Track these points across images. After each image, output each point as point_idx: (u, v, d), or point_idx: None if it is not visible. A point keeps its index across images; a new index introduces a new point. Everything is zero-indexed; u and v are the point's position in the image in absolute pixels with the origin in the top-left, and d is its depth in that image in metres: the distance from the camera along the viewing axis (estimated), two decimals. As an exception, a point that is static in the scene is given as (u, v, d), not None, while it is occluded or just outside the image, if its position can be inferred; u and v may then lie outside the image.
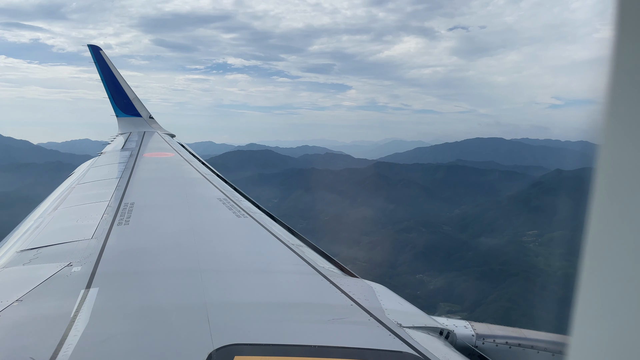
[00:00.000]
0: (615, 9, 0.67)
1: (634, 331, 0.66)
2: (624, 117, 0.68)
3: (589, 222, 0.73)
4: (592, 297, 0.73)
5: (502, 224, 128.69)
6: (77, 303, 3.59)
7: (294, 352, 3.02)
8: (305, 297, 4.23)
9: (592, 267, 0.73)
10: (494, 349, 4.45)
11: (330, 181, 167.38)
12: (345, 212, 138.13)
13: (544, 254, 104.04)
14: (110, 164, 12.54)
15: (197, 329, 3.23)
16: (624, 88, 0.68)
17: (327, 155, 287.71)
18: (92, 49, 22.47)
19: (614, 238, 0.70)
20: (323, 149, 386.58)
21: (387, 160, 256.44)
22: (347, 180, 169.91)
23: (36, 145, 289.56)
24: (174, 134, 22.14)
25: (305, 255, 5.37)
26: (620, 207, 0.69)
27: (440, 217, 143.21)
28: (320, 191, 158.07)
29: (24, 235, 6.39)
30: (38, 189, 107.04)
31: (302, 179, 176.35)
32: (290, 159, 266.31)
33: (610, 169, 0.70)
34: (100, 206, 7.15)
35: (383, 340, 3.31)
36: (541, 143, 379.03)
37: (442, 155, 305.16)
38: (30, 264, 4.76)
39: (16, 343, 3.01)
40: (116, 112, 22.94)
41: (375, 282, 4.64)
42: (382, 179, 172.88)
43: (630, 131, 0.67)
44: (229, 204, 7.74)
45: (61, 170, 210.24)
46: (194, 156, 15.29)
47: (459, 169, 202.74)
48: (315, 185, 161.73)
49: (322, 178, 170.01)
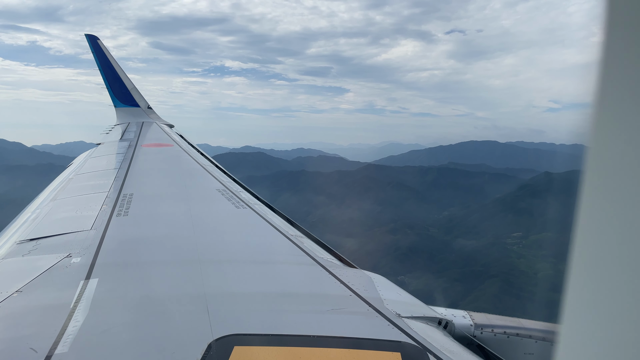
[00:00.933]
0: (604, 12, 0.69)
1: (623, 328, 0.68)
2: (612, 120, 0.69)
3: (577, 221, 0.74)
4: (580, 295, 0.74)
5: (487, 226, 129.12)
6: (76, 294, 3.57)
7: (293, 342, 3.02)
8: (304, 287, 4.21)
9: (580, 266, 0.74)
10: (492, 338, 4.44)
11: (319, 183, 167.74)
12: (331, 213, 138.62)
13: (526, 255, 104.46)
14: (108, 154, 12.42)
15: (196, 320, 3.22)
16: (611, 90, 0.69)
17: (320, 158, 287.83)
18: (89, 38, 22.09)
19: (601, 238, 0.71)
20: (318, 152, 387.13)
21: (381, 163, 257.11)
22: (337, 183, 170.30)
23: (29, 147, 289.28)
24: (173, 124, 21.84)
25: (305, 245, 5.37)
26: (608, 207, 0.70)
27: (428, 219, 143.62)
28: (308, 193, 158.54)
29: (22, 226, 6.38)
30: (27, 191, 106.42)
31: (292, 181, 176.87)
32: (283, 162, 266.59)
33: (599, 171, 0.71)
34: (99, 197, 7.10)
35: (382, 330, 3.31)
36: (536, 146, 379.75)
37: (436, 158, 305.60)
38: (29, 255, 4.74)
39: (16, 334, 3.00)
40: (114, 102, 22.51)
41: (374, 273, 4.63)
42: (371, 182, 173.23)
43: (618, 133, 0.69)
44: (228, 194, 7.72)
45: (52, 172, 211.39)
46: (193, 147, 15.10)
47: (450, 172, 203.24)
48: (304, 187, 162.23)
49: (311, 180, 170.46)
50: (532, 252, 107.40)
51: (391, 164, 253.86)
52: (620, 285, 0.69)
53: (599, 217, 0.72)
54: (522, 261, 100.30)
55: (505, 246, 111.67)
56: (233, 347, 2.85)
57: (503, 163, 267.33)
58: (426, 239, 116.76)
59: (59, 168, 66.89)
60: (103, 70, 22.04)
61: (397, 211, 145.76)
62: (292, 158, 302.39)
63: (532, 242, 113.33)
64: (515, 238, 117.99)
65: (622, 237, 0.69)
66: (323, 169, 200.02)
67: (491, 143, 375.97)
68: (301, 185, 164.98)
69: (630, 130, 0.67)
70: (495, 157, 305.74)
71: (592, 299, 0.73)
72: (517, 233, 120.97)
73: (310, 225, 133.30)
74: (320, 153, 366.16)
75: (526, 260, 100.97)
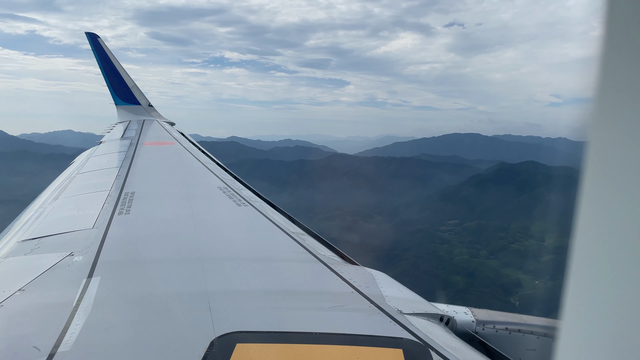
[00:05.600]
0: (604, 6, 0.69)
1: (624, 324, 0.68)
2: (612, 114, 0.69)
3: (577, 217, 0.74)
4: (581, 291, 0.75)
5: (428, 214, 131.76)
6: (79, 292, 3.59)
7: (295, 339, 3.04)
8: (306, 284, 4.23)
9: (581, 262, 0.74)
10: (494, 334, 4.46)
11: (277, 172, 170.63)
12: (278, 200, 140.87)
13: (451, 241, 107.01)
14: (110, 153, 12.51)
15: (199, 317, 3.24)
16: (611, 85, 0.69)
17: (296, 148, 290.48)
18: (89, 37, 22.04)
19: (602, 233, 0.71)
20: (307, 143, 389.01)
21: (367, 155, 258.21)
22: (295, 172, 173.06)
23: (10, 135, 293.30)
24: (174, 122, 22.08)
25: (306, 243, 5.38)
26: (608, 202, 0.70)
27: (376, 208, 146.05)
28: (261, 181, 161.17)
29: (25, 225, 6.43)
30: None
31: (252, 168, 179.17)
32: (256, 151, 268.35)
33: (599, 166, 0.71)
34: (100, 196, 7.16)
35: (383, 326, 3.33)
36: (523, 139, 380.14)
37: (418, 149, 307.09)
38: (31, 253, 4.76)
39: (19, 332, 3.01)
40: (115, 100, 22.58)
41: (375, 270, 4.67)
42: (330, 171, 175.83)
43: (618, 128, 0.68)
44: (230, 192, 7.76)
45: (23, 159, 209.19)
46: (194, 145, 15.31)
47: (414, 163, 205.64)
48: (259, 174, 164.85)
49: (271, 168, 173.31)
50: (459, 239, 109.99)
51: (375, 154, 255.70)
52: (621, 281, 0.69)
53: (599, 213, 0.72)
54: (445, 247, 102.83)
55: (437, 233, 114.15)
56: (235, 345, 2.89)
57: (475, 155, 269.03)
58: (362, 225, 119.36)
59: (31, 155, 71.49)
60: (104, 68, 22.10)
61: (346, 199, 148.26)
62: (270, 148, 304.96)
63: (464, 229, 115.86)
64: (450, 225, 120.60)
65: (623, 233, 0.69)
66: (287, 159, 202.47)
67: (474, 136, 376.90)
68: (256, 174, 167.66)
69: (630, 125, 0.67)
70: (472, 150, 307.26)
71: (593, 294, 0.73)
72: (454, 220, 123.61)
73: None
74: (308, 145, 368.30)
75: (449, 245, 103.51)
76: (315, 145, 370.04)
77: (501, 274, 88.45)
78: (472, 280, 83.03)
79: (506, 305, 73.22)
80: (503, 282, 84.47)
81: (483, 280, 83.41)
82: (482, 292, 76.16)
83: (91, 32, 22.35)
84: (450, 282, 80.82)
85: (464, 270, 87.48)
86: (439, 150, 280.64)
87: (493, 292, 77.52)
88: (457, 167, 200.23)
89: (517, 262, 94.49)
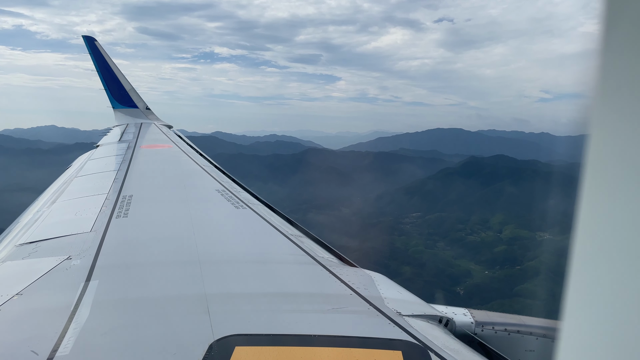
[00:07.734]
0: (602, 3, 0.68)
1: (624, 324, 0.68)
2: (610, 110, 0.69)
3: (578, 215, 0.74)
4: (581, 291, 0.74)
5: (393, 207, 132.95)
6: (77, 296, 3.60)
7: (294, 341, 3.05)
8: (304, 287, 4.24)
9: (581, 262, 0.74)
10: (493, 336, 4.47)
11: (248, 166, 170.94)
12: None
13: (410, 233, 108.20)
14: (107, 156, 12.56)
15: (197, 321, 3.25)
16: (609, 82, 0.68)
17: (276, 143, 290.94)
18: (86, 40, 21.93)
19: (602, 232, 0.71)
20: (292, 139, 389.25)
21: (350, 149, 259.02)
22: (267, 166, 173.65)
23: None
24: (171, 124, 21.83)
25: (304, 245, 5.41)
26: (608, 199, 0.70)
27: (345, 201, 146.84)
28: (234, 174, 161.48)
29: (22, 229, 6.41)
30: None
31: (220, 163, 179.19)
32: (232, 145, 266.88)
33: (599, 163, 0.71)
34: (98, 199, 7.16)
35: (382, 328, 3.34)
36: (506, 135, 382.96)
37: (400, 144, 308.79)
38: (29, 257, 4.76)
39: (17, 336, 3.01)
40: (112, 103, 22.55)
41: (374, 272, 4.68)
42: (303, 165, 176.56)
43: (616, 123, 0.68)
44: (228, 195, 7.75)
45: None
46: (192, 147, 15.31)
47: (390, 157, 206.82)
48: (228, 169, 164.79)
49: (242, 163, 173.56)
50: (418, 231, 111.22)
51: (355, 149, 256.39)
52: (621, 281, 0.68)
53: (600, 211, 0.71)
54: (402, 238, 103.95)
55: (398, 225, 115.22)
56: (234, 348, 2.89)
57: (455, 150, 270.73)
58: (325, 218, 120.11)
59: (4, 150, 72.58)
60: (101, 71, 22.06)
61: (316, 193, 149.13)
62: (250, 143, 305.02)
63: (425, 221, 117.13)
64: (413, 218, 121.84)
65: (623, 231, 0.68)
66: (263, 153, 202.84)
67: (457, 131, 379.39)
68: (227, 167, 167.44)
69: (631, 121, 0.67)
70: (453, 145, 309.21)
71: (593, 295, 0.72)
72: (417, 213, 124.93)
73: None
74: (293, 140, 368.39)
75: (407, 237, 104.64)
76: (298, 141, 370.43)
77: (452, 265, 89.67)
78: (420, 270, 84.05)
79: (449, 294, 74.36)
80: (452, 272, 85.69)
81: (431, 270, 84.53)
82: (428, 282, 77.16)
83: (88, 35, 22.39)
84: (398, 272, 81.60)
85: (415, 261, 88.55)
86: (420, 145, 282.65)
87: (440, 282, 78.65)
88: (431, 161, 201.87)
89: (471, 253, 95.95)
